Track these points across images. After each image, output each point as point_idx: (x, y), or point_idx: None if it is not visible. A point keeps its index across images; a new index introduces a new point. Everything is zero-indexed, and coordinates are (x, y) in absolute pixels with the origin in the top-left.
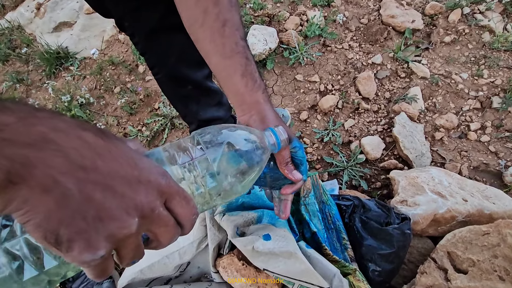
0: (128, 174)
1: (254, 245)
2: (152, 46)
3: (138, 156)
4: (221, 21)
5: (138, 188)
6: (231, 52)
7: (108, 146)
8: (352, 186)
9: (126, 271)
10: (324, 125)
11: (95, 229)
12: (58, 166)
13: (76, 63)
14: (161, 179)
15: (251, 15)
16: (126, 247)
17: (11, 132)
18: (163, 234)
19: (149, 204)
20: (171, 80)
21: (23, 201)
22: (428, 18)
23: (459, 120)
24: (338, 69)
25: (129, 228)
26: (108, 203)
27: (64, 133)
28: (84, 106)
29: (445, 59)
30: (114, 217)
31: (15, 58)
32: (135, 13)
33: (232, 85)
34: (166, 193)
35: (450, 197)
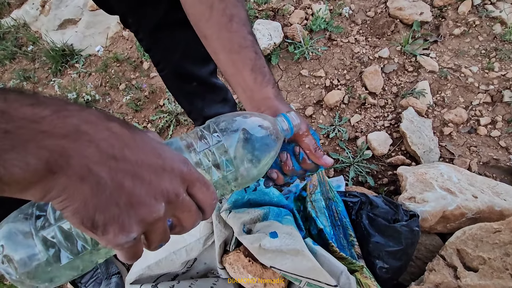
0: (153, 162)
1: (261, 242)
2: (157, 43)
3: (160, 146)
4: (227, 16)
5: (163, 176)
6: (239, 47)
7: (133, 136)
8: (358, 182)
9: (134, 267)
10: (330, 121)
11: (128, 214)
12: (91, 156)
13: (82, 60)
14: (183, 166)
15: (255, 9)
16: (155, 231)
17: (48, 124)
18: (186, 219)
19: (174, 190)
20: (176, 76)
21: (62, 189)
22: (437, 10)
23: (469, 115)
24: (344, 64)
25: (157, 212)
26: (138, 190)
27: (94, 124)
28: (90, 103)
29: (455, 52)
30: (144, 203)
31: (22, 56)
32: (139, 9)
33: (241, 80)
34: (188, 180)
35: (460, 193)
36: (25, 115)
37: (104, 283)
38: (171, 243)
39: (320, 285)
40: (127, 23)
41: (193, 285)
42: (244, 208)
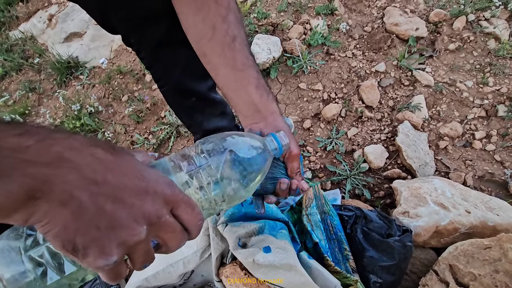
0: (136, 186)
1: (255, 257)
2: (158, 61)
3: (145, 168)
4: (230, 36)
5: (145, 198)
6: (243, 65)
7: (117, 161)
8: (355, 195)
9: (131, 279)
10: (327, 134)
11: (108, 237)
12: (73, 182)
13: (86, 72)
14: (167, 189)
15: (255, 24)
16: (137, 253)
17: (32, 153)
18: (170, 239)
19: (156, 212)
20: (176, 92)
21: (43, 213)
22: (432, 26)
23: (464, 129)
24: (341, 78)
25: (138, 235)
26: (119, 213)
27: (77, 151)
28: (93, 114)
29: (450, 67)
30: (124, 226)
31: (28, 67)
32: (140, 30)
33: (246, 95)
34: (172, 202)
35: (453, 208)
36: (11, 145)
37: None
38: (168, 256)
39: None
40: (129, 42)
41: None
42: (240, 222)
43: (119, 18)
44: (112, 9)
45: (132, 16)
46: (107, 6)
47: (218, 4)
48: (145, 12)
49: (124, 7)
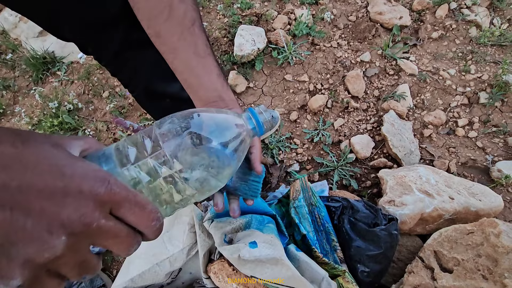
0: (48, 186)
1: (240, 253)
2: (121, 67)
3: (71, 162)
4: (189, 19)
5: (64, 201)
6: (204, 52)
7: (21, 155)
8: (343, 186)
9: (117, 280)
10: (314, 125)
11: (7, 257)
12: None
13: (63, 67)
14: (99, 186)
15: (239, 14)
16: (61, 267)
17: None
18: (115, 246)
19: (82, 218)
20: (147, 96)
21: None
22: (415, 14)
23: (447, 117)
24: (327, 68)
25: (52, 249)
26: (21, 224)
27: None
28: (72, 112)
29: (433, 55)
30: (30, 239)
31: (1, 64)
32: (96, 37)
33: (209, 83)
34: (109, 202)
35: (437, 195)
36: None
37: None
38: (153, 255)
39: None
40: (87, 51)
41: None
42: (226, 218)
43: (72, 28)
44: (65, 20)
45: (86, 24)
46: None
47: None
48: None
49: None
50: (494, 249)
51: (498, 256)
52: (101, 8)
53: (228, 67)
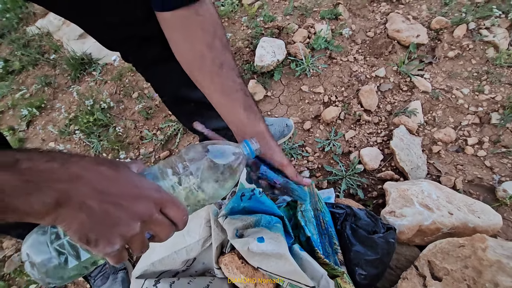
0: (131, 193)
1: (249, 246)
2: (154, 76)
3: (139, 178)
4: (217, 64)
5: (139, 202)
6: (230, 90)
7: (117, 175)
8: (349, 194)
9: (139, 264)
10: (326, 135)
11: (111, 232)
12: (86, 193)
13: (99, 68)
14: (155, 193)
15: (261, 26)
16: (134, 243)
17: (57, 174)
18: (160, 232)
19: (147, 212)
20: (174, 101)
21: (66, 216)
22: (433, 33)
23: (457, 135)
24: (342, 81)
25: (134, 230)
26: (119, 214)
27: (88, 170)
28: (105, 110)
29: (448, 74)
30: (123, 223)
31: (44, 62)
32: (136, 50)
33: (235, 118)
34: (160, 203)
35: (437, 210)
36: (43, 168)
37: (111, 277)
38: (173, 244)
39: (300, 285)
40: (128, 59)
41: (191, 282)
42: (239, 215)
43: (118, 40)
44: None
45: (128, 39)
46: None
47: (204, 32)
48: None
49: (123, 33)
50: (480, 262)
51: (483, 268)
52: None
53: (248, 76)
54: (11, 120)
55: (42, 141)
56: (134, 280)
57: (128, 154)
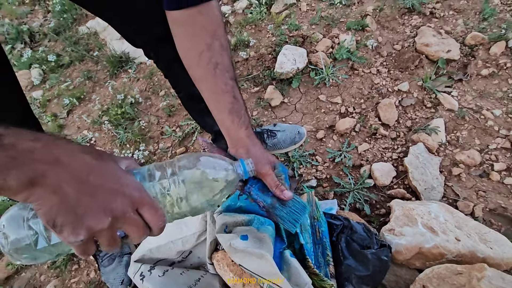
0: (110, 187)
1: (231, 241)
2: (172, 73)
3: (122, 174)
4: (213, 63)
5: (115, 197)
6: (221, 90)
7: (100, 166)
8: (355, 209)
9: (139, 248)
10: (338, 146)
11: (80, 222)
12: (64, 178)
13: (134, 67)
14: (135, 192)
15: (286, 35)
16: (101, 237)
17: (38, 153)
18: (132, 232)
19: (121, 209)
20: (188, 98)
21: (38, 197)
22: (467, 48)
23: (483, 158)
24: (362, 93)
25: (102, 224)
26: (91, 205)
27: (71, 156)
28: (133, 104)
29: (479, 93)
30: (93, 215)
31: (89, 58)
32: (156, 48)
33: (221, 120)
34: (138, 203)
35: (442, 233)
36: (25, 147)
37: (117, 259)
38: (170, 233)
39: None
40: (150, 56)
41: (184, 273)
42: (233, 213)
43: (141, 39)
44: (136, 32)
45: (150, 39)
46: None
47: (205, 31)
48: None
49: (144, 32)
50: None
51: None
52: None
53: (268, 82)
54: (55, 108)
55: (77, 129)
56: (133, 263)
57: (147, 147)
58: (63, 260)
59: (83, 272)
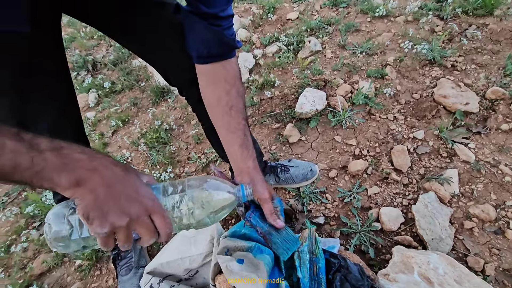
0: (130, 194)
1: (228, 264)
2: (198, 108)
3: (142, 186)
4: (229, 106)
5: (133, 203)
6: (233, 128)
7: (125, 177)
8: (360, 251)
9: (153, 261)
10: (349, 187)
11: (105, 217)
12: (98, 182)
13: (173, 97)
14: (149, 202)
15: (309, 78)
16: (119, 233)
17: (83, 163)
18: (143, 234)
19: (137, 213)
20: (211, 130)
21: (79, 194)
22: (487, 102)
23: (498, 214)
24: (377, 137)
25: (121, 222)
26: (114, 206)
27: (105, 167)
28: (168, 130)
29: (498, 147)
30: (115, 214)
31: (137, 87)
32: (187, 89)
33: (231, 152)
34: (150, 210)
35: (439, 286)
36: (76, 157)
37: (134, 270)
38: (181, 251)
39: None
40: (182, 94)
41: None
42: (237, 238)
43: (175, 81)
44: (173, 74)
45: (183, 81)
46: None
47: (225, 82)
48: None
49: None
50: None
51: None
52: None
53: (288, 120)
54: (103, 128)
55: (118, 147)
56: (145, 274)
57: (174, 169)
58: (88, 264)
59: (103, 279)
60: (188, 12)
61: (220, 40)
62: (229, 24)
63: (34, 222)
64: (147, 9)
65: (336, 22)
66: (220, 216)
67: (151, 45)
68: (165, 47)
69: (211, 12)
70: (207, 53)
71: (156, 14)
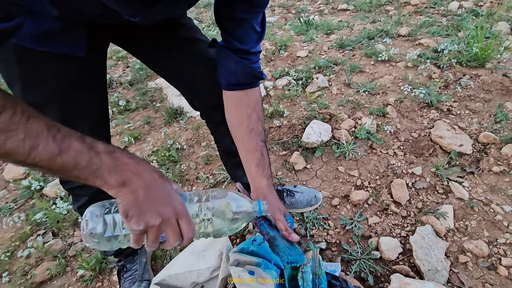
0: (164, 198)
1: (240, 274)
2: (217, 132)
3: (173, 192)
4: (249, 128)
5: (166, 206)
6: (252, 149)
7: (161, 182)
8: (360, 278)
9: (161, 272)
10: (350, 215)
11: (142, 216)
12: (139, 184)
13: (185, 119)
14: (179, 206)
15: (316, 111)
16: (151, 233)
17: (131, 166)
18: (170, 235)
19: (168, 215)
20: (226, 152)
21: (123, 194)
22: (480, 145)
23: (491, 251)
24: (378, 170)
25: (155, 221)
26: (152, 207)
27: (147, 171)
28: (179, 150)
29: (490, 187)
30: (151, 214)
31: (151, 107)
32: (209, 113)
33: (249, 170)
34: (178, 214)
35: None
36: (125, 160)
37: (137, 283)
38: (189, 264)
39: None
40: (203, 118)
41: None
42: (246, 254)
43: (199, 105)
44: (198, 100)
45: (207, 106)
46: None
47: (247, 107)
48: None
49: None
50: None
51: None
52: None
53: (294, 148)
54: (116, 143)
55: None
56: (153, 285)
57: (183, 188)
58: (90, 275)
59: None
60: (222, 47)
61: (247, 71)
62: (257, 59)
63: (39, 230)
64: (182, 46)
65: (342, 62)
66: (237, 227)
67: (183, 76)
68: (194, 78)
69: (243, 48)
70: (235, 81)
71: (190, 50)
